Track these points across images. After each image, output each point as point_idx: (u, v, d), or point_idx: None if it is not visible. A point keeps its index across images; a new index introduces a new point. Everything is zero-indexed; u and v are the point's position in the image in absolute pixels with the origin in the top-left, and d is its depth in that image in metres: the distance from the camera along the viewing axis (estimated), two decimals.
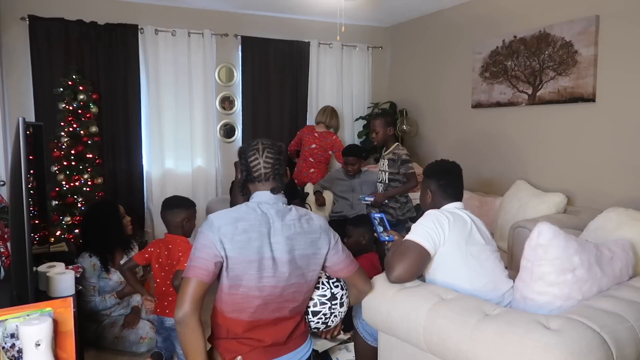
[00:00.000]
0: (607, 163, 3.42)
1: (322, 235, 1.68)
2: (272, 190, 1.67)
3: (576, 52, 3.54)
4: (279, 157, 1.70)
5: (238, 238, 1.56)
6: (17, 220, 1.82)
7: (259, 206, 1.64)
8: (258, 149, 1.69)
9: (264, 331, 1.63)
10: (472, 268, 1.93)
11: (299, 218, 1.66)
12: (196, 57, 4.83)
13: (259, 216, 1.61)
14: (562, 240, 1.75)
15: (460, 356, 1.61)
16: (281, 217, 1.63)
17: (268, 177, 1.68)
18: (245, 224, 1.58)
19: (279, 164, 1.70)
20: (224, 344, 1.63)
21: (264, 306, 1.60)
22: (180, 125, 4.84)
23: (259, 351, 1.62)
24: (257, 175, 1.67)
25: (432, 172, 2.17)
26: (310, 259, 1.65)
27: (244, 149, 1.73)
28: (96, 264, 2.94)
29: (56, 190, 3.99)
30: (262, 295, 1.59)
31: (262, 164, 1.67)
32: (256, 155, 1.68)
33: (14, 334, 1.25)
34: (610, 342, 1.49)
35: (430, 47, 5.11)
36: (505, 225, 3.49)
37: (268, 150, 1.68)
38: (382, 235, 2.20)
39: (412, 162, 3.45)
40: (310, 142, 4.70)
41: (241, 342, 1.61)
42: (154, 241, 2.67)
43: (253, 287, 1.57)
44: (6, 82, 4.23)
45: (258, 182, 1.68)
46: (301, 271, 1.64)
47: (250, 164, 1.68)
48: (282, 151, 1.73)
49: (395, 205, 3.49)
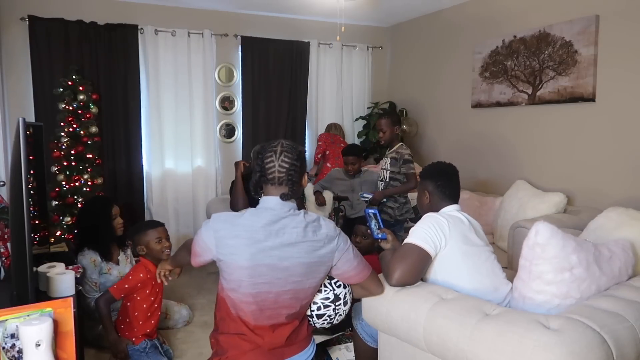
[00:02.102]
0: (607, 163, 3.42)
1: (325, 244, 1.62)
2: (282, 196, 1.62)
3: (576, 52, 3.54)
4: (295, 163, 1.64)
5: (230, 243, 1.56)
6: (17, 220, 1.82)
7: (263, 212, 1.61)
8: (276, 151, 1.63)
9: (262, 336, 1.63)
10: (472, 269, 1.93)
11: (305, 225, 1.61)
12: (196, 57, 4.83)
13: (259, 222, 1.58)
14: (560, 239, 1.75)
15: (460, 356, 1.61)
16: (283, 224, 1.59)
17: (281, 182, 1.63)
18: (240, 229, 1.56)
19: (294, 170, 1.64)
20: (227, 339, 1.63)
21: (259, 312, 1.59)
22: (180, 125, 4.84)
23: (259, 352, 1.62)
24: (271, 178, 1.63)
25: (429, 173, 2.18)
26: (310, 267, 1.62)
27: (262, 149, 1.68)
28: (96, 259, 2.94)
29: (56, 190, 4.00)
30: (256, 301, 1.58)
31: (276, 167, 1.62)
32: (272, 158, 1.63)
33: (14, 334, 1.25)
34: (610, 341, 1.49)
35: (430, 47, 5.11)
36: (505, 225, 3.49)
37: (286, 154, 1.63)
38: (374, 232, 2.19)
39: (413, 163, 3.46)
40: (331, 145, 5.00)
41: (243, 339, 1.61)
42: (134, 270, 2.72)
43: (247, 293, 1.57)
44: (6, 82, 4.23)
45: (271, 184, 1.64)
46: (298, 278, 1.61)
47: (265, 165, 1.63)
48: (302, 157, 1.68)
49: (394, 205, 3.50)
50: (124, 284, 2.64)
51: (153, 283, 2.68)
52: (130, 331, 2.67)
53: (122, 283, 2.65)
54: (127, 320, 2.68)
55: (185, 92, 4.83)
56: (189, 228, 4.90)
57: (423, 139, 5.29)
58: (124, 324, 2.69)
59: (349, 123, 5.63)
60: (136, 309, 2.67)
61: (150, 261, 2.71)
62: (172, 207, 4.85)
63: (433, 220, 1.94)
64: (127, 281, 2.64)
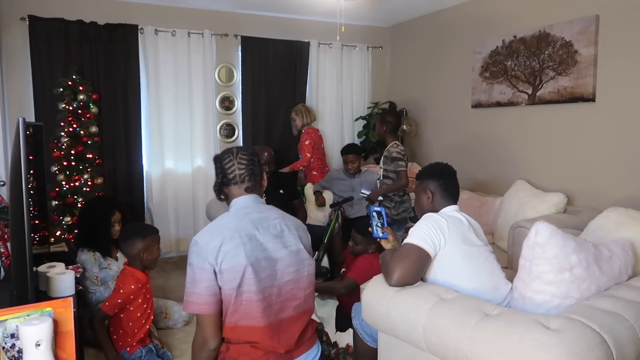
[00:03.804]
0: (607, 163, 3.42)
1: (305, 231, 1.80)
2: (247, 189, 1.72)
3: (576, 52, 3.54)
4: (252, 158, 1.75)
5: (227, 248, 1.58)
6: (17, 220, 1.82)
7: (241, 211, 1.69)
8: (232, 152, 1.75)
9: (276, 338, 1.63)
10: (472, 269, 1.93)
11: (282, 216, 1.75)
12: (196, 57, 4.83)
13: (243, 221, 1.65)
14: (560, 239, 1.75)
15: (460, 356, 1.61)
16: (265, 218, 1.70)
17: (243, 179, 1.72)
18: (230, 232, 1.61)
19: (253, 164, 1.74)
20: (238, 348, 1.63)
21: (269, 308, 1.62)
22: (180, 125, 4.84)
23: (272, 356, 1.63)
24: (232, 177, 1.72)
25: (429, 173, 2.18)
26: (299, 255, 1.72)
27: (219, 156, 1.79)
28: (96, 254, 2.95)
29: (56, 190, 4.00)
30: (264, 297, 1.60)
31: (236, 165, 1.72)
32: (230, 158, 1.74)
33: (14, 334, 1.25)
34: (610, 341, 1.49)
35: (430, 47, 5.11)
36: (505, 225, 3.49)
37: (242, 153, 1.75)
38: (376, 231, 2.18)
39: (403, 160, 3.45)
40: (321, 143, 4.87)
41: (255, 347, 1.62)
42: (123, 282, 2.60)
43: (254, 290, 1.59)
44: (6, 82, 4.23)
45: (234, 184, 1.73)
46: (296, 267, 1.69)
47: (225, 166, 1.74)
48: (256, 154, 1.79)
49: (389, 205, 3.50)
50: (116, 298, 2.55)
51: (144, 290, 2.64)
52: (124, 341, 2.61)
53: (113, 298, 2.55)
54: (120, 332, 2.62)
55: (185, 92, 4.82)
56: (188, 228, 4.89)
57: (423, 139, 5.29)
58: (116, 335, 2.62)
59: (349, 123, 5.62)
60: (130, 319, 2.61)
61: (137, 269, 2.64)
62: (172, 207, 4.85)
63: (432, 221, 1.94)
64: (118, 295, 2.56)
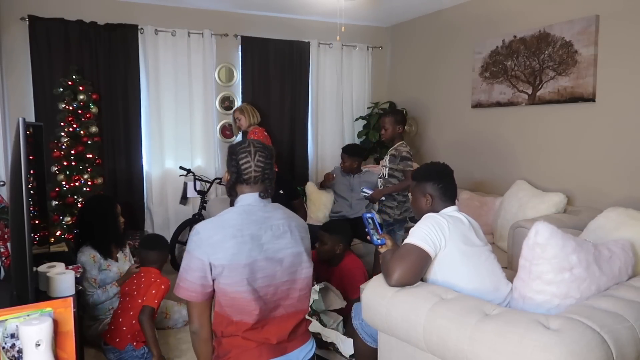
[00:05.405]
0: (607, 163, 3.42)
1: (307, 232, 1.77)
2: (260, 194, 1.67)
3: (576, 52, 3.54)
4: (270, 161, 1.70)
5: (228, 245, 1.57)
6: (17, 220, 1.82)
7: (246, 209, 1.65)
8: (250, 151, 1.66)
9: (267, 331, 1.64)
10: (472, 270, 1.93)
11: (287, 216, 1.71)
12: (196, 57, 4.83)
13: (247, 220, 1.62)
14: (560, 239, 1.75)
15: (460, 356, 1.61)
16: (269, 218, 1.66)
17: (257, 180, 1.67)
18: (233, 229, 1.59)
19: (269, 168, 1.70)
20: (230, 341, 1.64)
21: (264, 306, 1.62)
22: (180, 125, 4.84)
23: (265, 347, 1.63)
24: (247, 178, 1.66)
25: (427, 175, 2.12)
26: (300, 257, 1.69)
27: (234, 149, 1.70)
28: (96, 255, 2.95)
29: (56, 190, 4.00)
30: (260, 296, 1.60)
31: (253, 167, 1.65)
32: (248, 158, 1.66)
33: (14, 334, 1.25)
34: (610, 341, 1.49)
35: (430, 47, 5.11)
36: (506, 225, 3.49)
37: (260, 153, 1.67)
38: (374, 238, 2.15)
39: (412, 161, 3.46)
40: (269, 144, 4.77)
41: (247, 339, 1.62)
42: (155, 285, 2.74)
43: (250, 289, 1.58)
44: (6, 82, 4.23)
45: (247, 184, 1.68)
46: (294, 269, 1.68)
47: (241, 165, 1.66)
48: (273, 155, 1.74)
49: (393, 204, 3.50)
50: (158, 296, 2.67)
51: None
52: (132, 335, 2.67)
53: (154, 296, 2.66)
54: (132, 322, 2.67)
55: (185, 92, 4.82)
56: None
57: (423, 139, 5.29)
58: (126, 326, 2.67)
59: (349, 123, 5.62)
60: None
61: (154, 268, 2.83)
62: (172, 207, 4.85)
63: (433, 221, 1.94)
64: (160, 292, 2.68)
